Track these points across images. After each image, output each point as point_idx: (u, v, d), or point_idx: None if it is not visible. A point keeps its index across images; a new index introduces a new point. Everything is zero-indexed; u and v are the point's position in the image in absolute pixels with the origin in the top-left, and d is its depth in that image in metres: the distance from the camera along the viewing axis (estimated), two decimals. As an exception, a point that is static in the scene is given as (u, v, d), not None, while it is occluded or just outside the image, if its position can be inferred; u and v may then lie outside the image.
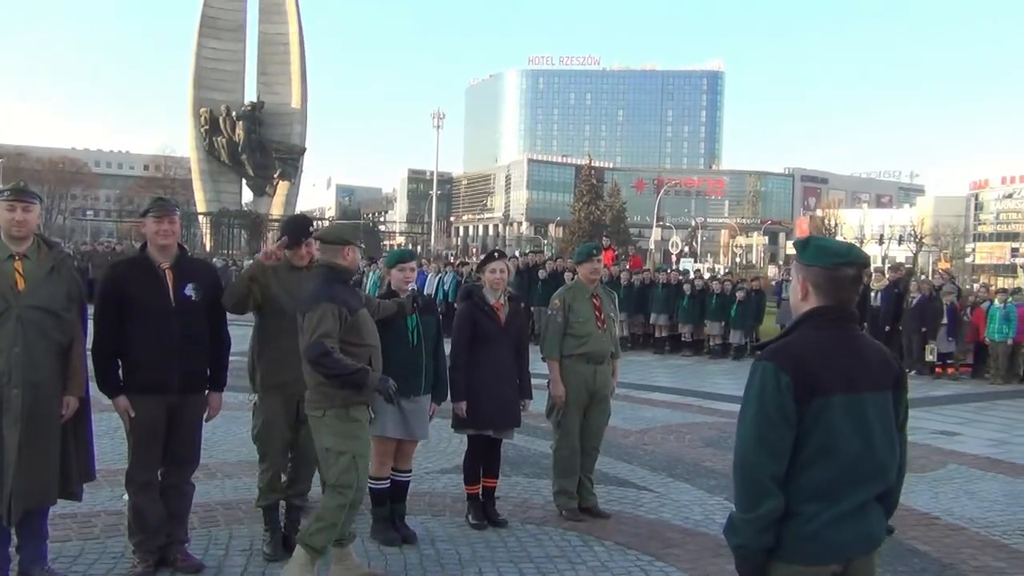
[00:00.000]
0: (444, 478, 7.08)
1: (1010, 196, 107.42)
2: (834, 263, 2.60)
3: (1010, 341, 15.20)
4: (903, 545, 5.79)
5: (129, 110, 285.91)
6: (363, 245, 5.25)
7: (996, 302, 15.82)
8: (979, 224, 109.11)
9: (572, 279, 7.33)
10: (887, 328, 16.26)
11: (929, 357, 15.99)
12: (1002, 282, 45.56)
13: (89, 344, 4.76)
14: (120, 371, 4.76)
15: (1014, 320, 15.20)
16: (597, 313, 6.33)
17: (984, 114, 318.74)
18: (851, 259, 2.61)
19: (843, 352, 2.56)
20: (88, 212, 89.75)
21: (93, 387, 4.75)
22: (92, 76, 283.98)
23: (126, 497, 4.94)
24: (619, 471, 7.59)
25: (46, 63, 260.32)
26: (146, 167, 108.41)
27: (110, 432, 7.06)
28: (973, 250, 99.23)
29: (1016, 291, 17.93)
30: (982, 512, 6.84)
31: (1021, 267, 74.25)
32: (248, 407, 5.43)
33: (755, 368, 2.55)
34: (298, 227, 5.42)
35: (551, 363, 6.29)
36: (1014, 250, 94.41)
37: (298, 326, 4.66)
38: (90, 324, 4.83)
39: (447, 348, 5.89)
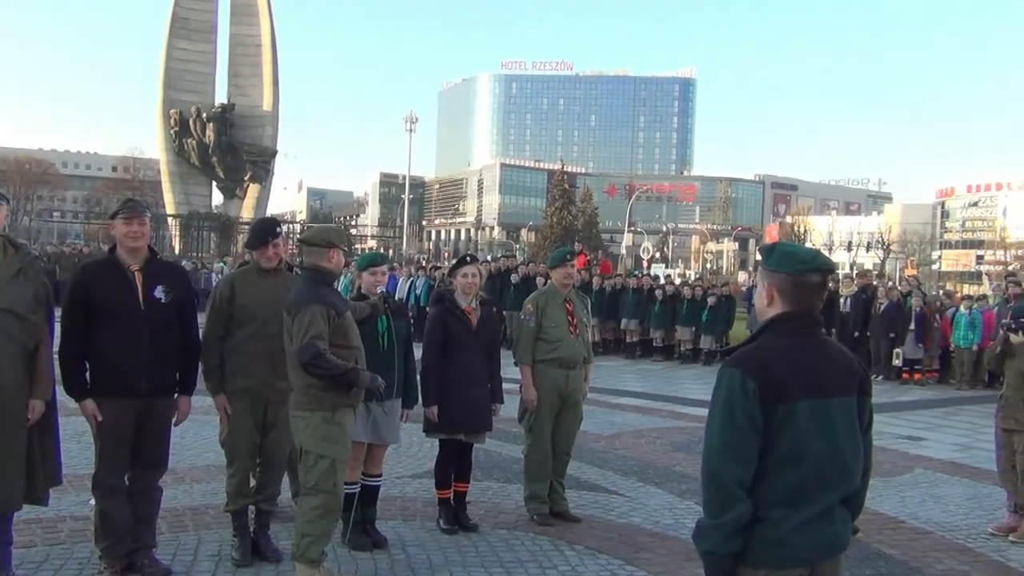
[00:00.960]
0: (415, 482, 7.07)
1: (975, 204, 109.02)
2: (799, 269, 2.61)
3: (975, 347, 15.41)
4: (870, 548, 5.86)
5: (98, 110, 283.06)
6: (347, 248, 5.26)
7: (961, 309, 16.05)
8: (945, 232, 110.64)
9: (545, 284, 7.33)
10: (856, 334, 16.46)
11: (896, 362, 16.17)
12: (967, 289, 46.18)
13: (56, 347, 4.71)
14: (87, 374, 4.70)
15: (979, 326, 15.42)
16: (570, 318, 6.35)
17: (950, 123, 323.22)
18: (816, 265, 2.63)
19: (808, 358, 2.58)
20: (55, 213, 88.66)
21: (60, 390, 4.70)
22: (61, 75, 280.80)
23: (93, 502, 4.88)
24: (590, 475, 7.61)
25: (12, 62, 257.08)
26: (114, 168, 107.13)
27: (77, 436, 6.98)
28: (939, 257, 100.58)
29: (981, 298, 18.20)
30: (947, 516, 6.94)
31: (986, 274, 75.27)
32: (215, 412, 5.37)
33: (722, 374, 2.56)
34: (263, 228, 5.40)
35: (523, 368, 6.30)
36: (979, 257, 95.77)
37: (284, 329, 4.65)
38: (57, 327, 4.77)
39: (418, 352, 5.89)
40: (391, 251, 57.62)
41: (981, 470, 8.46)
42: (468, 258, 6.28)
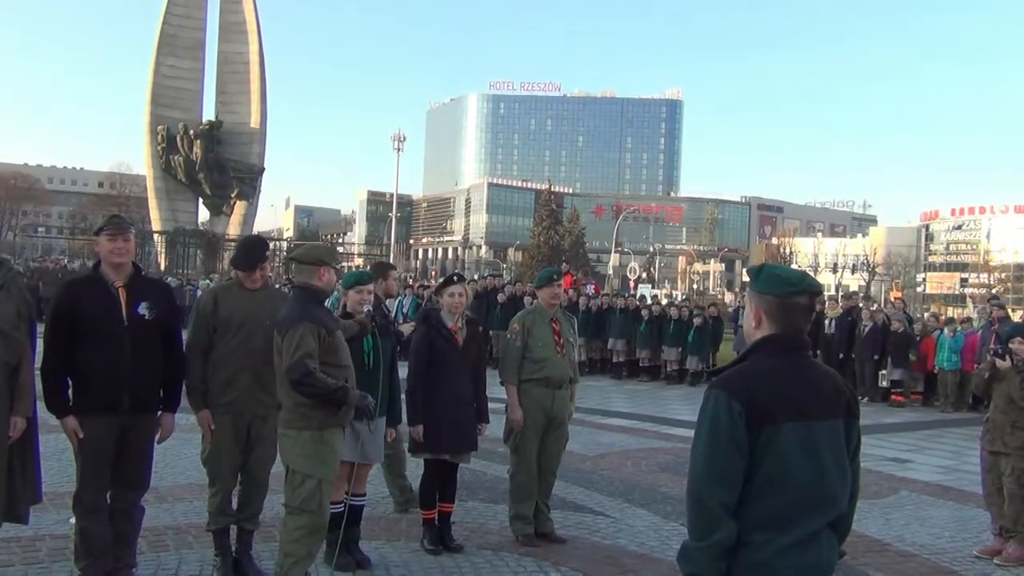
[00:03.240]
0: (399, 502, 7.01)
1: (959, 228, 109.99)
2: (786, 291, 2.61)
3: (959, 370, 15.46)
4: (856, 572, 5.85)
5: (84, 126, 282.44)
6: (338, 266, 5.23)
7: (946, 331, 16.12)
8: (929, 254, 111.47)
9: (532, 303, 7.34)
10: (840, 356, 16.52)
11: (883, 384, 16.21)
12: (951, 312, 46.45)
13: (38, 363, 4.66)
14: (70, 391, 4.66)
15: (963, 349, 15.48)
16: (556, 338, 6.34)
17: (934, 147, 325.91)
18: (803, 287, 2.62)
19: (795, 380, 2.57)
20: (40, 229, 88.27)
21: (40, 407, 4.65)
22: (47, 91, 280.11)
23: (73, 520, 4.83)
24: (576, 496, 7.59)
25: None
26: (100, 184, 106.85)
27: (57, 453, 6.92)
28: (924, 280, 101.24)
29: (965, 321, 18.30)
30: (933, 539, 6.94)
31: (970, 297, 75.75)
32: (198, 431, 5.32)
33: (708, 396, 2.55)
34: (254, 252, 5.34)
35: (509, 387, 6.28)
36: (963, 280, 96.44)
37: (274, 347, 4.62)
38: (39, 343, 4.73)
39: (403, 371, 5.86)
40: (378, 269, 57.47)
41: (966, 492, 8.47)
42: (455, 277, 6.27)
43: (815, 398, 2.57)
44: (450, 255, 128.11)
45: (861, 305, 18.87)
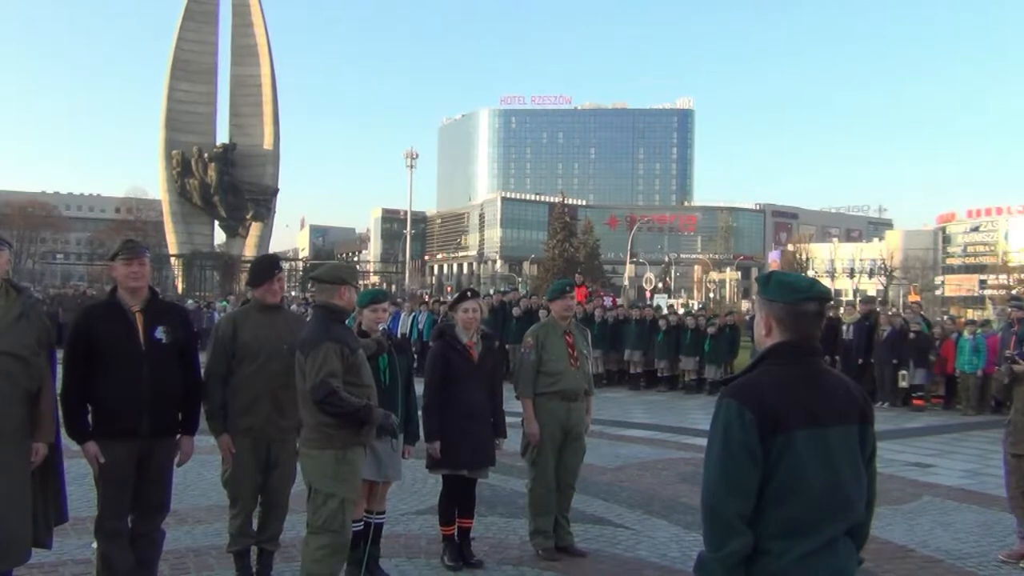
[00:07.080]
0: (419, 519, 7.02)
1: (976, 229, 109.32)
2: (796, 298, 2.60)
3: (980, 372, 15.34)
4: (879, 578, 5.80)
5: (100, 153, 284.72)
6: (358, 284, 5.26)
7: (966, 334, 16.00)
8: (947, 257, 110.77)
9: (546, 316, 7.35)
10: (860, 361, 16.43)
11: (902, 384, 16.09)
12: (971, 314, 46.06)
13: (58, 389, 4.70)
14: (89, 416, 4.69)
15: (983, 351, 15.36)
16: (570, 350, 6.34)
17: (949, 149, 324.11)
18: (812, 294, 2.62)
19: (806, 387, 2.56)
20: (58, 256, 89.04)
21: (63, 433, 4.68)
22: (63, 119, 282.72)
23: (95, 545, 4.85)
24: (595, 509, 7.57)
25: (14, 106, 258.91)
26: (117, 210, 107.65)
27: (78, 479, 6.92)
28: (942, 282, 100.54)
29: (985, 323, 18.16)
30: (957, 544, 6.88)
31: (989, 299, 75.15)
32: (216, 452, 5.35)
33: (719, 406, 2.54)
34: (267, 264, 5.43)
35: (525, 401, 6.28)
36: (982, 282, 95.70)
37: (297, 367, 4.64)
38: (59, 369, 4.76)
39: (420, 388, 5.87)
40: (394, 287, 57.66)
41: (990, 496, 8.40)
42: (469, 293, 6.28)
43: (827, 404, 2.56)
44: (465, 270, 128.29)
45: (879, 309, 18.73)
